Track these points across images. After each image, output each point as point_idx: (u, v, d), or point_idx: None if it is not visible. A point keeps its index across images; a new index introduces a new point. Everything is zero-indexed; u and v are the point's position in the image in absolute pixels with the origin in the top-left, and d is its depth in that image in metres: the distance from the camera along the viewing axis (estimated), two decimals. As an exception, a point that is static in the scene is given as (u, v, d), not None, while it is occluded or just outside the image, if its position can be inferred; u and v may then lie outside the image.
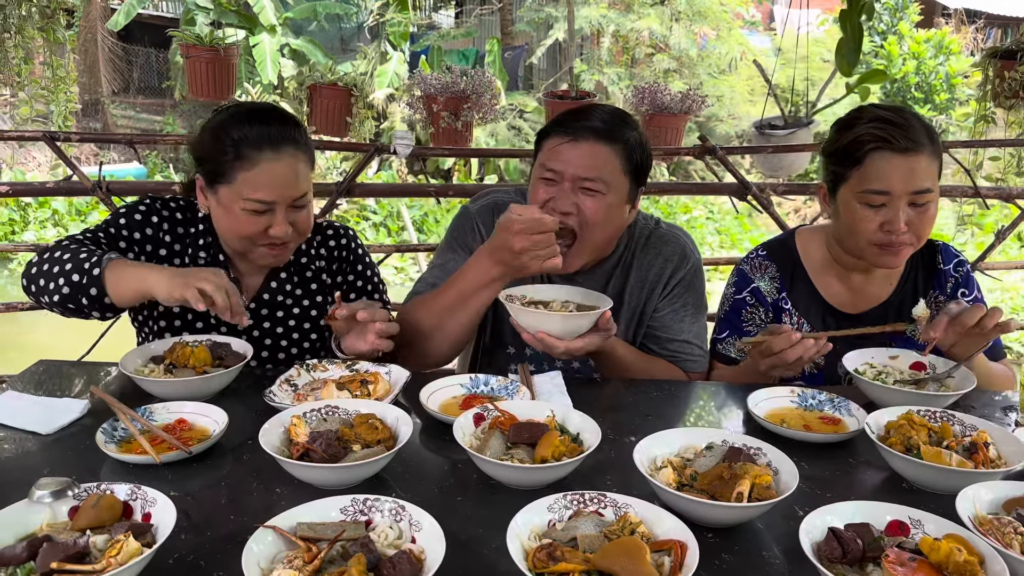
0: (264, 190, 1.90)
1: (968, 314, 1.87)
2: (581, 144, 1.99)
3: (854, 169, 2.00)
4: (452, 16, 18.33)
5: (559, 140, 2.01)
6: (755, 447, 1.46)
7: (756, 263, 2.27)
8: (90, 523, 1.22)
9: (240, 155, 1.90)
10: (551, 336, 1.85)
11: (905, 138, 1.94)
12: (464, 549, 1.28)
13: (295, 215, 1.97)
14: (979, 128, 3.67)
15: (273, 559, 1.16)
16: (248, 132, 1.91)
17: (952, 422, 1.62)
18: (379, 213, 11.55)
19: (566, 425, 1.59)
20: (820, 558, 1.19)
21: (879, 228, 1.99)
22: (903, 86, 13.50)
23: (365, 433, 1.50)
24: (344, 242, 2.25)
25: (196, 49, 3.53)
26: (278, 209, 1.93)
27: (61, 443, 1.61)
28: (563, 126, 2.02)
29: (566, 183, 1.99)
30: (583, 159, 1.98)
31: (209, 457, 1.56)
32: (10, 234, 10.92)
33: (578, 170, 1.98)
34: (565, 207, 1.99)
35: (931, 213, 2.00)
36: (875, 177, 1.96)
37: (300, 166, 1.96)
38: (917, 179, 1.95)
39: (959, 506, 1.28)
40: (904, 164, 1.94)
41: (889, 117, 1.97)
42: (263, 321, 2.13)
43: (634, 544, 1.15)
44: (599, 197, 2.00)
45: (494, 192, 2.31)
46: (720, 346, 2.26)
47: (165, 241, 2.08)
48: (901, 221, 1.95)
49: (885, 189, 1.96)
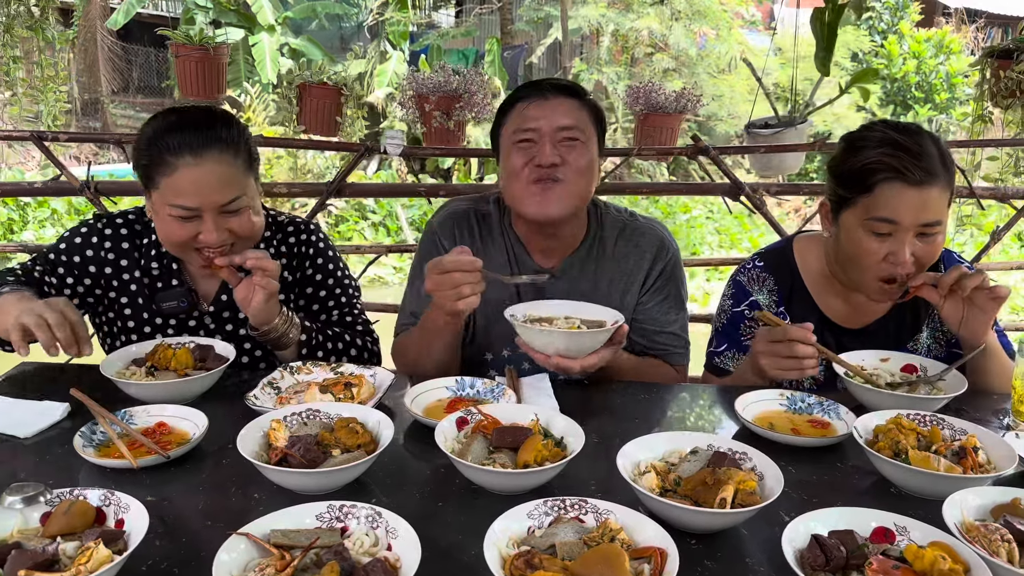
0: (185, 196, 1.86)
1: (949, 273, 1.86)
2: (553, 100, 2.05)
3: (862, 196, 1.91)
4: (452, 15, 18.31)
5: (530, 101, 2.06)
6: (740, 452, 1.44)
7: (753, 275, 2.20)
8: (61, 530, 1.20)
9: (161, 160, 1.86)
10: (567, 358, 1.82)
11: (919, 169, 1.84)
12: (443, 556, 1.26)
13: (229, 221, 1.92)
14: (976, 128, 3.65)
15: (246, 567, 1.14)
16: (168, 137, 1.86)
17: (942, 426, 1.60)
18: (378, 213, 11.53)
19: (550, 429, 1.56)
20: (803, 566, 1.17)
21: (883, 260, 1.91)
22: (903, 85, 13.47)
23: (345, 437, 1.48)
24: (304, 237, 2.21)
25: (186, 48, 3.51)
26: (205, 215, 1.88)
27: (39, 447, 1.60)
28: (527, 89, 2.10)
29: (545, 138, 2.02)
30: (559, 111, 2.04)
31: (188, 461, 1.54)
32: (8, 234, 10.90)
33: (557, 121, 2.03)
34: (551, 159, 2.01)
35: (938, 244, 1.92)
36: (884, 207, 1.88)
37: (226, 170, 1.89)
38: (928, 212, 1.86)
39: (946, 512, 1.26)
40: (917, 197, 1.85)
41: (903, 142, 1.87)
42: (224, 324, 2.11)
43: (612, 551, 1.13)
44: (579, 145, 2.05)
45: (454, 201, 2.31)
46: (718, 359, 2.21)
47: (109, 259, 2.07)
48: (907, 254, 1.88)
49: (893, 219, 1.87)
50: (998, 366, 1.99)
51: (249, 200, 1.95)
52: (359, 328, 2.24)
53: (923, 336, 2.15)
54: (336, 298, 2.22)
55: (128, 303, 2.09)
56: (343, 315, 2.23)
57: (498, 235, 2.21)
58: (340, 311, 2.23)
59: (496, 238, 2.21)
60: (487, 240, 2.20)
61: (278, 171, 11.08)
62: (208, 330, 2.10)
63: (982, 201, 3.42)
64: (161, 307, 2.06)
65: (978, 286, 1.85)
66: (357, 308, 2.27)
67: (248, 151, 1.96)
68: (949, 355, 1.94)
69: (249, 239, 1.99)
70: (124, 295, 2.08)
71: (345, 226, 11.12)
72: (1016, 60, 3.32)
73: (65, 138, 3.17)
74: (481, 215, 2.23)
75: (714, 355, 2.23)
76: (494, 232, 2.22)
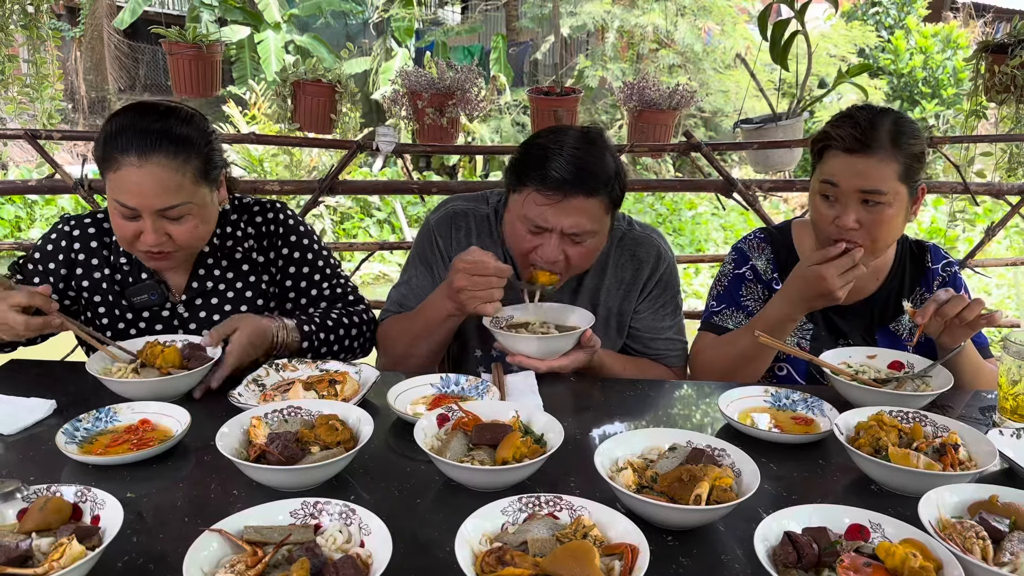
0: (126, 195, 1.84)
1: (951, 304, 1.87)
2: (567, 202, 1.94)
3: (818, 164, 2.07)
4: (457, 12, 18.30)
5: (543, 199, 1.95)
6: (719, 448, 1.44)
7: (754, 244, 2.31)
8: (37, 526, 1.21)
9: (111, 156, 1.85)
10: (530, 358, 1.94)
11: (854, 139, 1.96)
12: (419, 552, 1.27)
13: (170, 226, 1.89)
14: (970, 123, 3.63)
15: (218, 563, 1.15)
16: (121, 134, 1.83)
17: (924, 423, 1.60)
18: (383, 210, 11.53)
19: (531, 426, 1.57)
20: (775, 563, 1.17)
21: (831, 222, 2.01)
22: (910, 81, 13.39)
23: (325, 435, 1.48)
24: (272, 216, 2.18)
25: (179, 46, 3.52)
26: (145, 217, 1.85)
27: (24, 444, 1.61)
28: (543, 180, 1.94)
29: (553, 236, 1.98)
30: (571, 218, 1.96)
31: (170, 458, 1.55)
32: (16, 231, 10.96)
33: (566, 227, 1.97)
34: (553, 256, 2.00)
35: (886, 216, 1.99)
36: (827, 171, 2.02)
37: (170, 177, 1.84)
38: (865, 179, 1.96)
39: (921, 510, 1.26)
40: (854, 163, 1.96)
41: (854, 115, 2.00)
42: (198, 311, 2.11)
43: (582, 548, 1.13)
44: (587, 244, 2.02)
45: (454, 200, 2.30)
46: (716, 318, 2.26)
47: (79, 260, 2.08)
48: (850, 217, 1.98)
49: (834, 181, 1.99)
50: (970, 364, 2.01)
51: (194, 209, 1.90)
52: (351, 298, 2.26)
53: (905, 318, 2.21)
54: (320, 271, 2.22)
55: (100, 300, 2.09)
56: (332, 287, 2.23)
57: (495, 238, 2.22)
58: (329, 283, 2.23)
59: (494, 241, 2.22)
60: (484, 243, 2.21)
61: (275, 168, 11.10)
62: (183, 319, 2.10)
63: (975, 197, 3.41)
64: (132, 301, 2.07)
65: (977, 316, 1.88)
66: (343, 277, 2.27)
67: (203, 160, 1.91)
68: (928, 339, 1.96)
69: (190, 247, 1.97)
70: (96, 293, 2.09)
71: (350, 223, 11.13)
72: (1011, 55, 3.30)
73: (59, 136, 3.18)
74: (479, 217, 2.24)
75: (713, 314, 2.27)
76: (491, 235, 2.23)
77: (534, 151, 2.00)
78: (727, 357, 2.13)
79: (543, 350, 1.95)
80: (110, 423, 1.62)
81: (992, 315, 1.88)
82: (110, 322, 2.09)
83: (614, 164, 2.01)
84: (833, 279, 1.91)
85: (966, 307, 1.86)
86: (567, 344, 1.97)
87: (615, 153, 2.06)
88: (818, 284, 1.93)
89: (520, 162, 2.02)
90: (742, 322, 2.22)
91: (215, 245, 2.10)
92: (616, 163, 2.03)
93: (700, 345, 2.26)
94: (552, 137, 2.01)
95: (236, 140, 4.36)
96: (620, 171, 2.03)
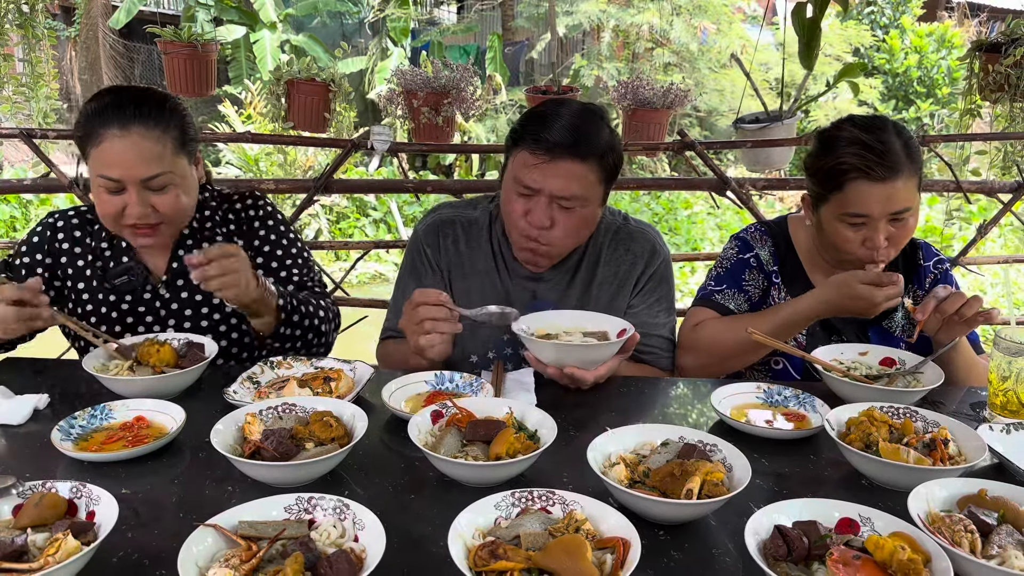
0: (110, 167, 1.91)
1: (950, 301, 1.91)
2: (556, 164, 1.96)
3: (835, 193, 2.05)
4: (453, 12, 18.29)
5: (534, 159, 1.97)
6: (711, 443, 1.45)
7: (756, 235, 2.32)
8: (32, 521, 1.21)
9: (92, 131, 1.92)
10: (580, 370, 1.87)
11: (882, 167, 1.97)
12: (413, 547, 1.27)
13: (154, 198, 1.96)
14: (965, 122, 3.65)
15: (213, 558, 1.16)
16: (101, 111, 1.92)
17: (915, 418, 1.61)
18: (379, 209, 11.53)
19: (524, 422, 1.58)
20: (766, 556, 1.18)
21: (861, 244, 2.05)
22: (905, 80, 13.42)
23: (319, 431, 1.49)
24: (250, 203, 2.26)
25: (175, 46, 3.53)
26: (129, 188, 1.92)
27: (18, 440, 1.61)
28: (536, 142, 1.97)
29: (543, 197, 2.00)
30: (560, 180, 1.97)
31: (165, 455, 1.55)
32: (11, 231, 10.94)
33: (555, 190, 1.98)
34: (542, 220, 2.00)
35: (911, 225, 2.06)
36: (854, 203, 2.01)
37: (151, 146, 1.93)
38: (896, 203, 1.99)
39: (911, 504, 1.27)
40: (883, 191, 1.98)
41: (868, 142, 1.99)
42: (179, 292, 2.13)
43: (574, 542, 1.14)
44: (575, 211, 2.02)
45: (440, 209, 2.31)
46: (718, 296, 2.25)
47: (63, 250, 2.14)
48: (881, 239, 2.02)
49: (864, 213, 2.01)
50: (964, 360, 2.03)
51: (176, 179, 1.98)
52: (317, 290, 2.29)
53: (898, 315, 2.23)
54: (293, 259, 2.25)
55: (84, 287, 2.13)
56: (302, 277, 2.27)
57: (484, 241, 2.22)
58: (300, 272, 2.26)
59: (482, 244, 2.22)
60: (473, 246, 2.22)
61: (270, 167, 11.10)
62: (164, 301, 2.12)
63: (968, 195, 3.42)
64: (114, 284, 2.10)
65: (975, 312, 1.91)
66: (314, 271, 2.31)
67: (181, 131, 1.99)
68: (920, 336, 1.99)
69: (175, 219, 2.03)
70: (80, 280, 2.13)
71: (346, 223, 11.13)
72: (1004, 54, 3.32)
73: (54, 136, 3.18)
74: (466, 222, 2.24)
75: (714, 292, 2.25)
76: (480, 238, 2.23)
77: (532, 114, 2.06)
78: (732, 339, 2.10)
79: (587, 360, 1.88)
80: (105, 420, 1.63)
81: (989, 312, 1.91)
82: (94, 307, 2.11)
83: (610, 136, 2.03)
84: (881, 304, 1.93)
85: (964, 304, 1.89)
86: (611, 352, 1.92)
87: (613, 130, 2.07)
88: (864, 304, 1.94)
89: (519, 124, 2.06)
90: (742, 305, 2.22)
91: (194, 228, 2.16)
92: (612, 137, 2.04)
93: (699, 319, 2.21)
94: (552, 105, 2.06)
95: (232, 139, 4.36)
96: (616, 146, 2.05)
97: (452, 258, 2.21)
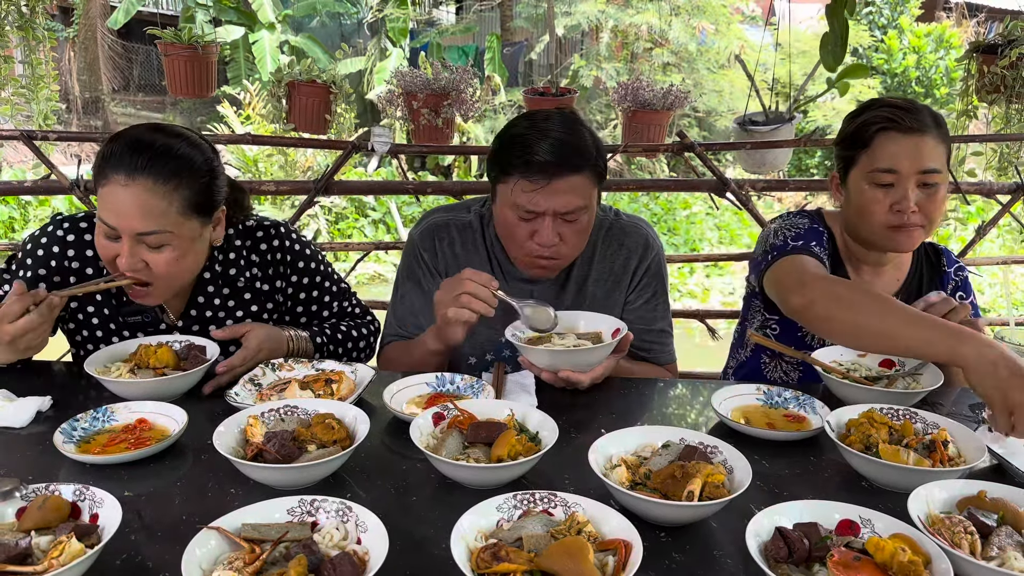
0: (107, 213, 1.79)
1: (938, 307, 1.91)
2: (555, 183, 1.94)
3: (863, 152, 2.06)
4: (452, 12, 18.29)
5: (531, 185, 1.94)
6: (712, 445, 1.46)
7: (815, 215, 2.26)
8: (36, 524, 1.22)
9: (103, 170, 1.80)
10: (576, 372, 1.88)
11: (911, 118, 2.00)
12: (415, 549, 1.28)
13: (148, 254, 1.83)
14: (962, 123, 3.65)
15: (216, 560, 1.16)
16: (120, 151, 1.79)
17: (914, 420, 1.61)
18: (378, 210, 11.54)
19: (526, 424, 1.58)
20: (767, 558, 1.18)
21: (889, 209, 2.03)
22: (903, 80, 13.43)
23: (321, 433, 1.49)
24: (277, 243, 2.13)
25: (174, 47, 3.53)
26: (124, 239, 1.80)
27: (20, 443, 1.62)
28: (528, 166, 1.94)
29: (547, 217, 1.99)
30: (562, 197, 1.96)
31: (168, 458, 1.56)
32: (10, 232, 10.94)
33: (558, 207, 1.97)
34: (551, 239, 2.00)
35: (940, 196, 2.04)
36: (883, 157, 2.02)
37: (154, 203, 1.78)
38: (924, 159, 2.00)
39: (911, 505, 1.27)
40: (910, 143, 2.00)
41: (896, 102, 2.05)
42: (194, 335, 2.00)
43: (576, 544, 1.14)
44: (579, 220, 2.02)
45: (434, 213, 2.30)
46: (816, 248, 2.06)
47: (72, 268, 1.98)
48: (911, 200, 2.00)
49: (893, 167, 2.00)
50: None
51: (176, 240, 1.84)
52: (357, 311, 2.30)
53: None
54: (328, 291, 2.24)
55: (94, 312, 2.02)
56: (341, 306, 2.27)
57: (479, 244, 2.22)
58: (338, 303, 2.26)
59: (477, 247, 2.22)
60: (468, 249, 2.22)
61: (269, 168, 11.11)
62: None
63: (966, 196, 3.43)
64: (126, 320, 2.02)
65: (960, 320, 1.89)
66: (350, 294, 2.30)
67: (197, 192, 1.85)
68: None
69: (167, 280, 1.89)
70: (90, 304, 2.01)
71: (345, 223, 11.14)
72: (1001, 55, 3.33)
73: (54, 137, 3.18)
74: (460, 225, 2.24)
75: (808, 246, 2.05)
76: (475, 241, 2.23)
77: (513, 139, 2.00)
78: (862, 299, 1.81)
79: (581, 364, 1.88)
80: (107, 422, 1.63)
81: (974, 322, 1.92)
82: (104, 335, 2.03)
83: (593, 138, 2.03)
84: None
85: (951, 311, 1.90)
86: (605, 354, 1.91)
87: (591, 129, 2.07)
88: None
89: (501, 152, 2.02)
90: (824, 262, 2.05)
91: (216, 272, 2.06)
92: (593, 137, 2.04)
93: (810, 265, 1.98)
94: (527, 123, 2.02)
95: (231, 140, 4.36)
96: (599, 144, 2.05)
97: (448, 261, 2.21)
